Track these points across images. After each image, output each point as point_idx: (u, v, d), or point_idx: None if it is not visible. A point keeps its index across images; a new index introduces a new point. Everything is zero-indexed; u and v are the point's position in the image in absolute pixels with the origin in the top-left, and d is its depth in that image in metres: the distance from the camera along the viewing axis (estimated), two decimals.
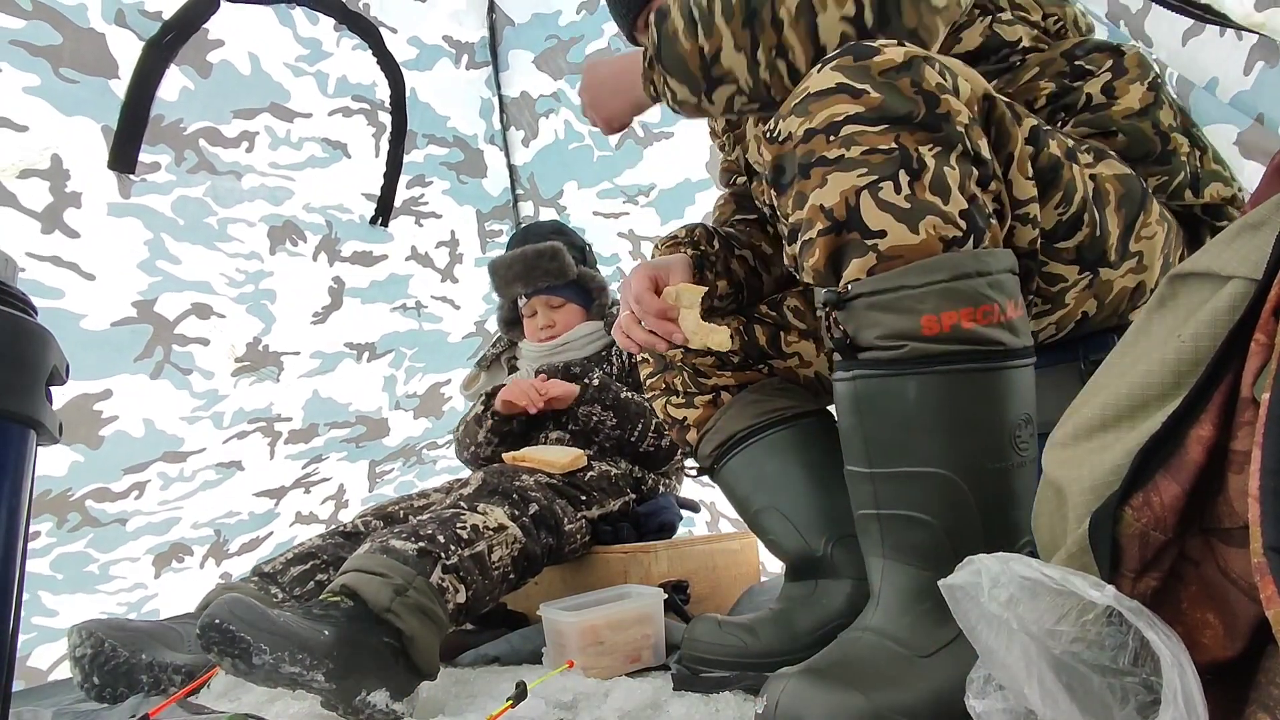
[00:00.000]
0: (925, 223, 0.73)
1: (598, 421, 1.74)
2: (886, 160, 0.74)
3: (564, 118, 2.49)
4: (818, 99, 0.78)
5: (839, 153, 0.75)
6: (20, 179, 1.54)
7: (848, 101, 0.76)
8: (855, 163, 0.75)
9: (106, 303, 1.71)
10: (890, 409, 0.77)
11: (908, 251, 0.74)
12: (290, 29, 1.95)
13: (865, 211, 0.75)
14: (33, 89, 1.53)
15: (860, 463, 0.80)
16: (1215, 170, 0.97)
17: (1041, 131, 0.84)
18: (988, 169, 0.78)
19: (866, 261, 0.76)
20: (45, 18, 1.53)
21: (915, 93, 0.75)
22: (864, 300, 0.76)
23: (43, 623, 1.77)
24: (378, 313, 2.29)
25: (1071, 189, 0.85)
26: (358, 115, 2.14)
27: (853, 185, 0.75)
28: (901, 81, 0.75)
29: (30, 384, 0.71)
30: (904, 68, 0.76)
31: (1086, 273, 0.89)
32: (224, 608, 0.94)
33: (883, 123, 0.75)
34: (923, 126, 0.75)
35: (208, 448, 1.98)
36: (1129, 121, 0.95)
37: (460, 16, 2.38)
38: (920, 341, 0.74)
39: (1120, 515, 0.50)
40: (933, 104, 0.75)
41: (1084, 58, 1.00)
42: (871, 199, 0.74)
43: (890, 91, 0.75)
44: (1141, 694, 0.48)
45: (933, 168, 0.74)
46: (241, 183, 1.90)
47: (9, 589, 0.69)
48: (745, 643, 1.06)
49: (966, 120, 0.76)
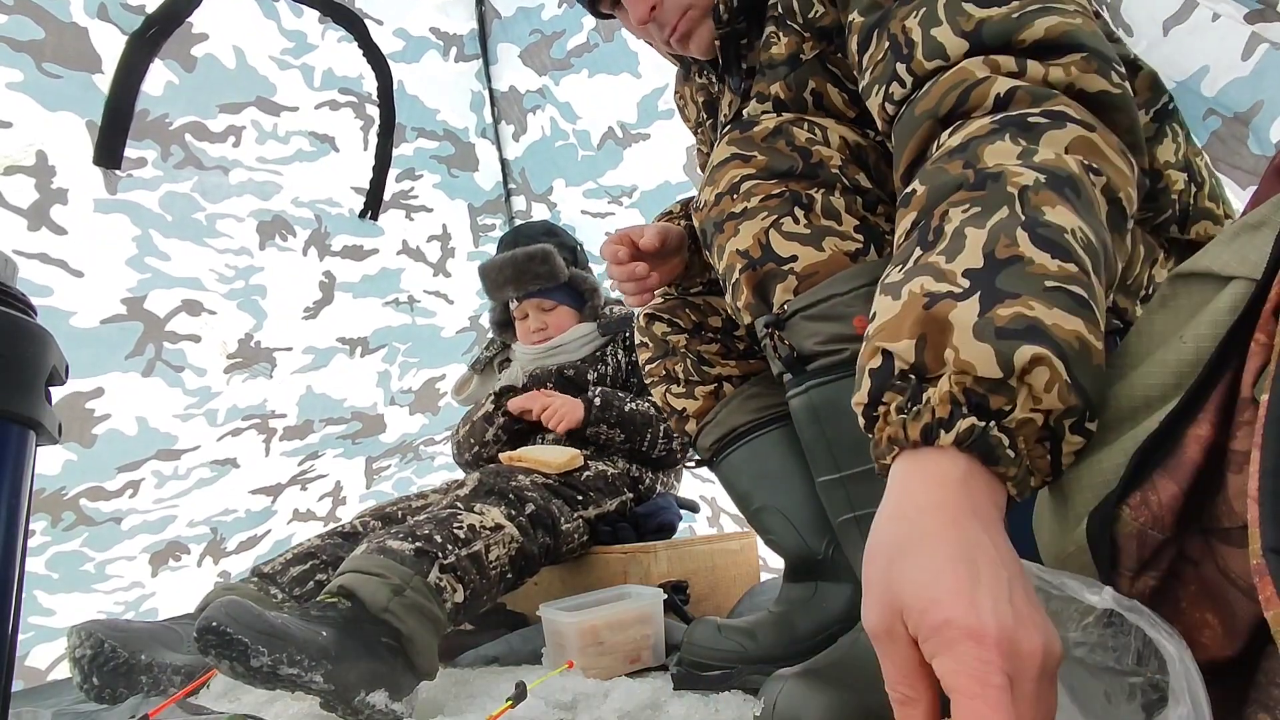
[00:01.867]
0: (827, 241, 0.85)
1: (606, 440, 1.73)
2: (781, 202, 0.87)
3: (549, 114, 2.47)
4: (719, 168, 0.92)
5: (743, 205, 0.89)
6: (5, 175, 1.52)
7: (741, 165, 0.90)
8: (757, 210, 0.88)
9: (96, 300, 1.70)
10: (846, 410, 0.78)
11: (820, 267, 0.85)
12: (275, 21, 1.93)
13: (775, 244, 0.86)
14: (16, 85, 1.51)
15: (829, 471, 0.85)
16: (1208, 209, 0.92)
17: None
18: (870, 196, 0.88)
19: (789, 284, 0.86)
20: (27, 12, 1.51)
21: (791, 150, 0.89)
22: (800, 315, 0.85)
23: (40, 622, 1.77)
24: (370, 307, 2.28)
25: None
26: (345, 108, 2.12)
27: (760, 227, 0.87)
28: (778, 144, 0.90)
29: (30, 384, 0.71)
30: (776, 133, 0.90)
31: None
32: (220, 610, 0.94)
33: (772, 177, 0.89)
34: (804, 176, 0.88)
35: (202, 445, 1.98)
36: None
37: (448, 8, 2.36)
38: (857, 342, 0.80)
39: (1118, 514, 0.50)
40: (807, 156, 0.88)
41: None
42: (778, 234, 0.86)
43: (771, 153, 0.89)
44: (1148, 692, 0.48)
45: (820, 201, 0.87)
46: (229, 178, 1.89)
47: (9, 589, 0.69)
48: (744, 646, 1.06)
49: (840, 162, 0.88)
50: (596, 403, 1.73)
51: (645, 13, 1.06)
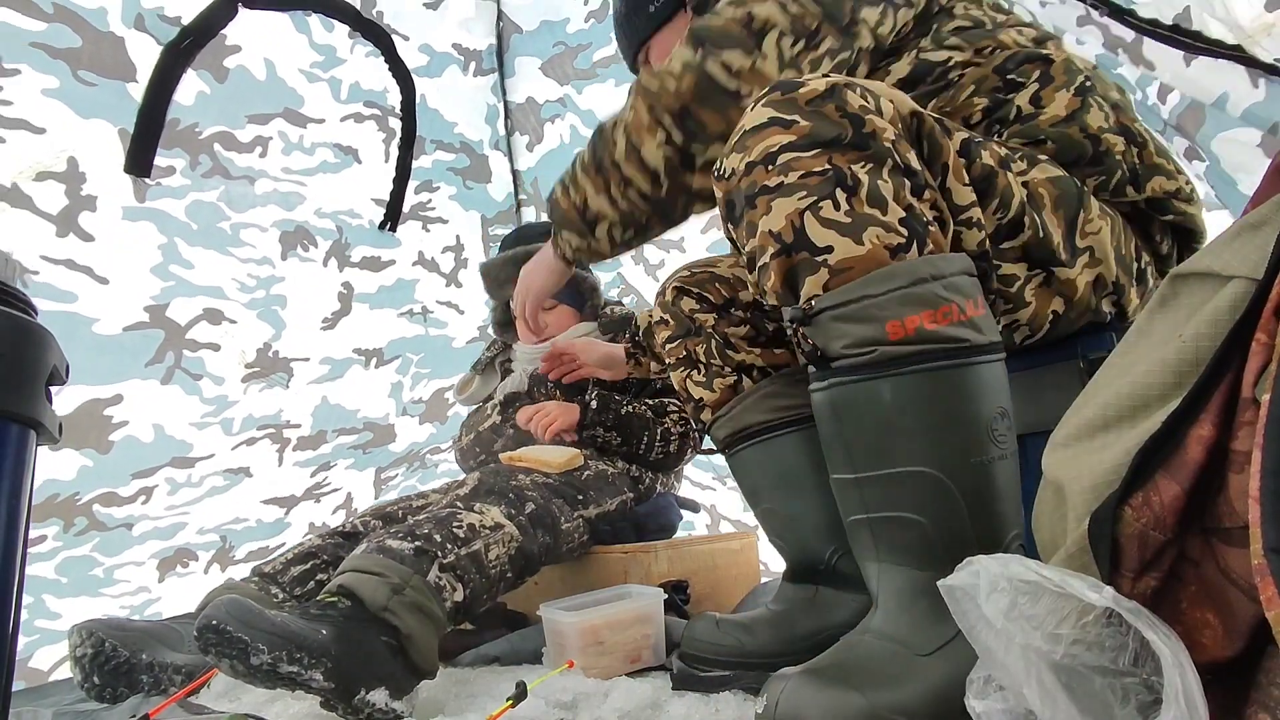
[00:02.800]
0: (868, 233, 0.78)
1: (604, 442, 1.74)
2: (823, 181, 0.79)
3: (569, 122, 2.52)
4: (753, 134, 0.83)
5: (779, 180, 0.81)
6: (36, 181, 1.55)
7: (780, 132, 0.81)
8: (795, 187, 0.80)
9: (119, 307, 1.72)
10: (868, 413, 0.79)
11: (856, 262, 0.78)
12: (305, 35, 1.98)
13: (811, 230, 0.79)
14: (51, 91, 1.54)
15: (845, 469, 0.82)
16: (1158, 164, 0.99)
17: (973, 144, 0.89)
18: (919, 179, 0.82)
19: (820, 277, 0.79)
20: (65, 20, 1.55)
21: (840, 116, 0.80)
22: (829, 314, 0.80)
23: (46, 626, 1.77)
24: (385, 318, 2.30)
25: (1008, 194, 0.89)
26: (369, 121, 2.16)
27: (795, 208, 0.79)
28: (826, 107, 0.81)
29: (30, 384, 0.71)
30: (827, 95, 0.81)
31: (1038, 270, 0.93)
32: (220, 609, 0.94)
33: (814, 147, 0.80)
34: (852, 146, 0.80)
35: (216, 454, 1.99)
36: (1056, 129, 0.98)
37: (470, 24, 2.41)
38: (888, 345, 0.77)
39: (1120, 515, 0.50)
40: (858, 125, 0.80)
41: (1015, 70, 1.02)
42: (814, 218, 0.79)
43: (817, 118, 0.81)
44: (1142, 694, 0.48)
45: (867, 183, 0.79)
46: (254, 187, 1.92)
47: (9, 589, 0.69)
48: (742, 642, 1.06)
49: (892, 136, 0.81)
50: (594, 406, 1.73)
51: None
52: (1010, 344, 0.98)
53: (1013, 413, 0.81)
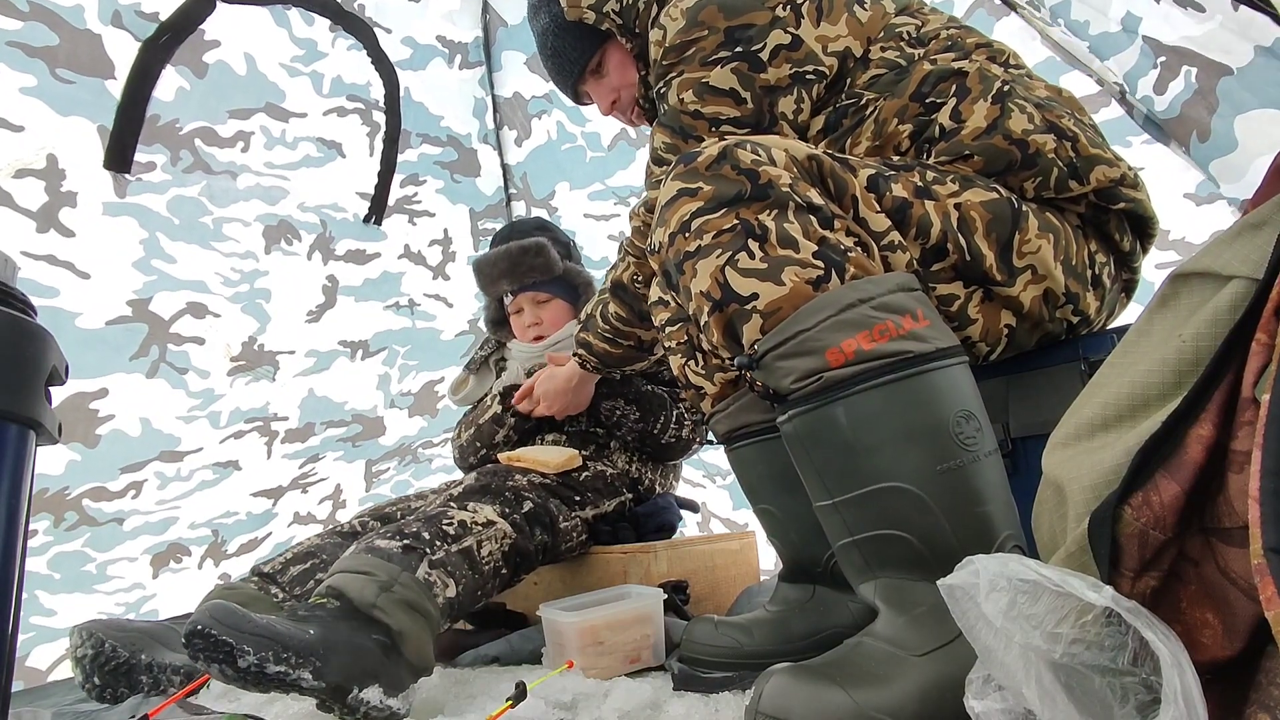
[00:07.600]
0: (786, 273, 0.83)
1: (621, 416, 1.72)
2: (734, 236, 0.85)
3: (556, 119, 2.49)
4: (668, 207, 0.91)
5: (696, 244, 0.87)
6: (16, 179, 1.53)
7: (689, 200, 0.89)
8: (711, 247, 0.86)
9: (102, 301, 1.71)
10: (829, 438, 0.82)
11: (783, 302, 0.83)
12: (286, 29, 1.95)
13: (734, 283, 0.85)
14: (29, 89, 1.52)
15: (823, 496, 0.85)
16: (1095, 155, 0.99)
17: (881, 179, 0.93)
18: (824, 213, 0.87)
19: (755, 324, 0.84)
20: (42, 19, 1.52)
21: (737, 174, 0.87)
22: (771, 354, 0.84)
23: (41, 622, 1.77)
24: (371, 311, 2.29)
25: (925, 223, 0.92)
26: (352, 115, 2.13)
27: (716, 265, 0.86)
28: (724, 169, 0.88)
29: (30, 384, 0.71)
30: (721, 158, 0.88)
31: (975, 287, 0.96)
32: (205, 614, 0.94)
33: (721, 207, 0.87)
34: (754, 199, 0.86)
35: (205, 447, 1.98)
36: (979, 141, 0.99)
37: (454, 17, 2.38)
38: (831, 371, 0.81)
39: (1119, 514, 0.50)
40: (754, 178, 0.86)
41: (931, 92, 1.04)
42: (734, 271, 0.85)
43: (718, 180, 0.88)
44: (1141, 693, 0.48)
45: (774, 228, 0.84)
46: (237, 182, 1.90)
47: (8, 589, 0.69)
48: (740, 643, 1.07)
49: (789, 180, 0.87)
50: (616, 376, 1.71)
51: (608, 107, 1.42)
52: (974, 360, 0.99)
53: (982, 414, 0.82)
